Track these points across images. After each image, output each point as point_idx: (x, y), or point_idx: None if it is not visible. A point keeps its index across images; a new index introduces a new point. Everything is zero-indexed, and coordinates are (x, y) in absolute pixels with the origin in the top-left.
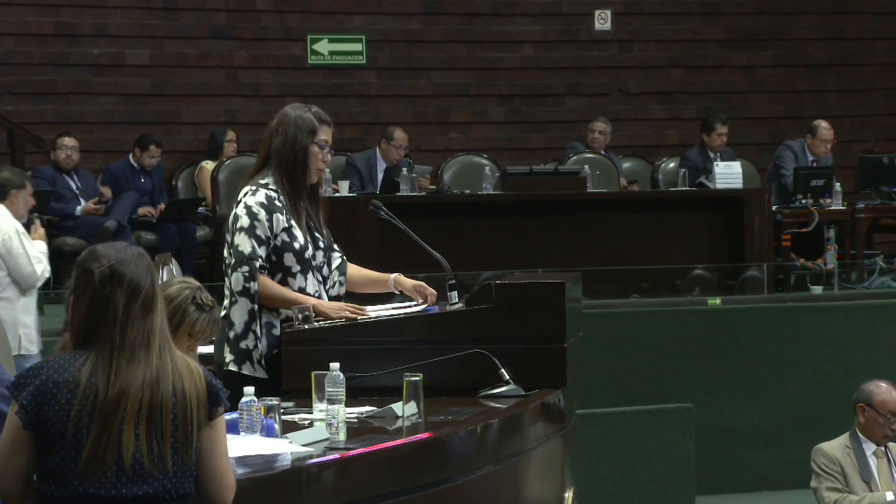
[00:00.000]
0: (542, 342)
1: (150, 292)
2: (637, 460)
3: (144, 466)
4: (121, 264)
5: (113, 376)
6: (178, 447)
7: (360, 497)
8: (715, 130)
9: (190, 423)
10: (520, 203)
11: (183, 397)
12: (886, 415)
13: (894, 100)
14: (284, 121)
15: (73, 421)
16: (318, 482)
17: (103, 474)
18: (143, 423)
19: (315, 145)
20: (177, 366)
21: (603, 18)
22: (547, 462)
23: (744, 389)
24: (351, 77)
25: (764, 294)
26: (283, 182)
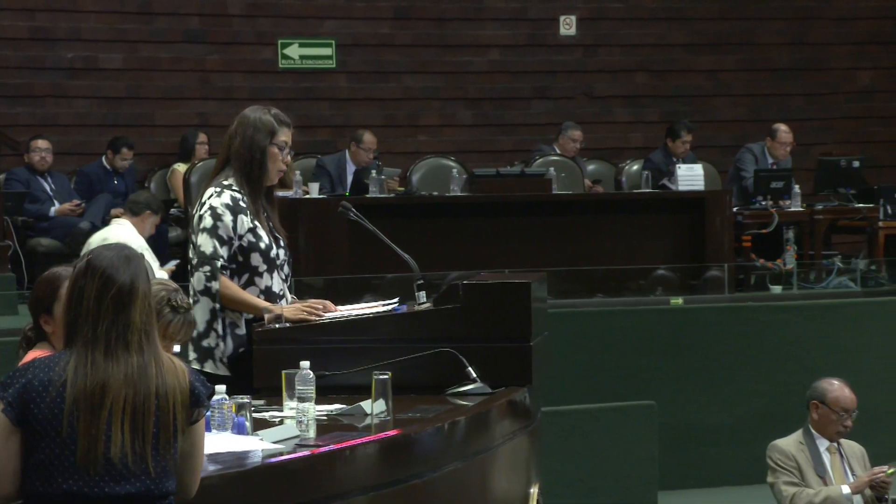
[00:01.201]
0: (508, 341)
1: (125, 287)
2: (601, 457)
3: (128, 465)
4: (98, 258)
5: (91, 369)
6: (160, 447)
7: (330, 493)
8: (680, 138)
9: (172, 424)
10: (487, 204)
11: (165, 398)
12: (839, 411)
13: (853, 104)
14: (244, 122)
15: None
16: (288, 479)
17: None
18: (128, 421)
19: (274, 146)
20: (161, 366)
21: (568, 24)
22: (513, 458)
23: (705, 387)
24: (321, 81)
25: (725, 294)
26: (243, 182)
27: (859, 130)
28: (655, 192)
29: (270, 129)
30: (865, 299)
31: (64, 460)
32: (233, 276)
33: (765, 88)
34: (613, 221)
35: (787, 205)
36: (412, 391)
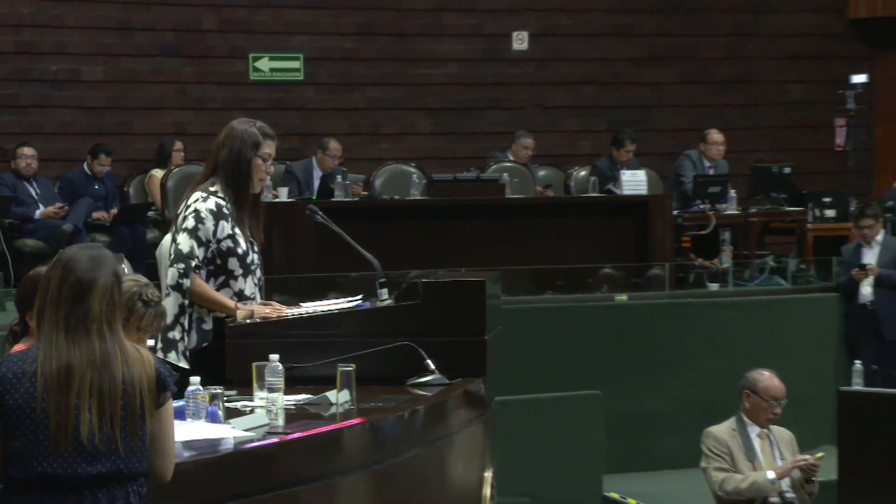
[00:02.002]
0: (464, 335)
1: (86, 277)
2: (551, 443)
3: (97, 446)
4: (66, 253)
5: (55, 352)
6: (128, 429)
7: (298, 478)
8: (624, 147)
9: (140, 407)
10: (445, 208)
11: (132, 384)
12: (769, 400)
13: (785, 115)
14: (231, 134)
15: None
16: (259, 464)
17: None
18: (95, 404)
19: (258, 158)
20: (126, 353)
21: (521, 39)
22: (469, 445)
23: (647, 378)
24: (290, 92)
25: (666, 291)
26: (228, 191)
27: (790, 139)
28: (601, 196)
29: (255, 141)
30: (795, 296)
31: (38, 444)
32: (210, 277)
33: (703, 100)
34: (562, 224)
35: (723, 208)
36: (374, 382)
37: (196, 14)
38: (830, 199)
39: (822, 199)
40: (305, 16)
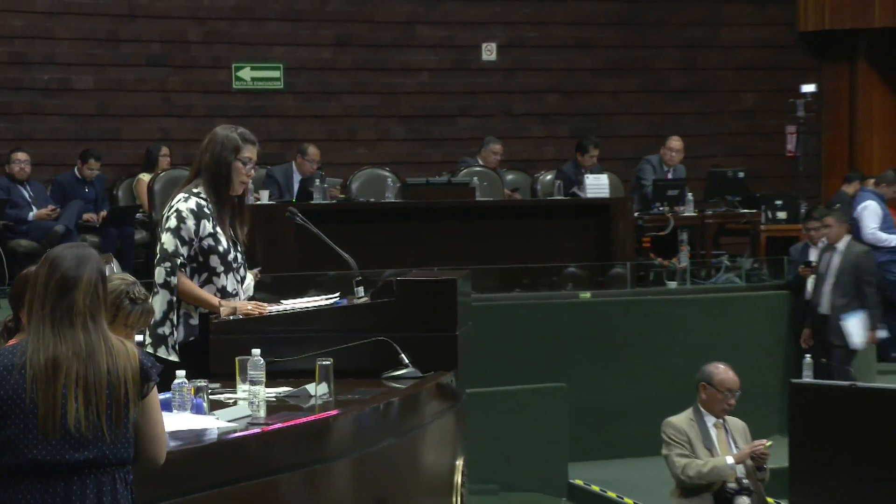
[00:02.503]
0: (436, 331)
1: (70, 274)
2: (519, 432)
3: (83, 433)
4: (53, 252)
5: (42, 345)
6: (114, 418)
7: (279, 466)
8: (588, 153)
9: (125, 397)
10: (418, 210)
11: (117, 375)
12: (724, 392)
13: (738, 122)
14: (213, 140)
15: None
16: (241, 453)
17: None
18: (81, 394)
19: (238, 161)
20: (110, 346)
21: (489, 50)
22: (441, 435)
23: (610, 371)
24: (271, 100)
25: (627, 288)
26: (210, 192)
27: (743, 145)
28: (566, 199)
29: (235, 146)
30: (749, 293)
31: (28, 433)
32: (193, 274)
33: (661, 108)
34: (529, 225)
35: (681, 210)
36: (351, 375)
37: (181, 26)
38: (782, 202)
39: (774, 202)
40: (285, 28)
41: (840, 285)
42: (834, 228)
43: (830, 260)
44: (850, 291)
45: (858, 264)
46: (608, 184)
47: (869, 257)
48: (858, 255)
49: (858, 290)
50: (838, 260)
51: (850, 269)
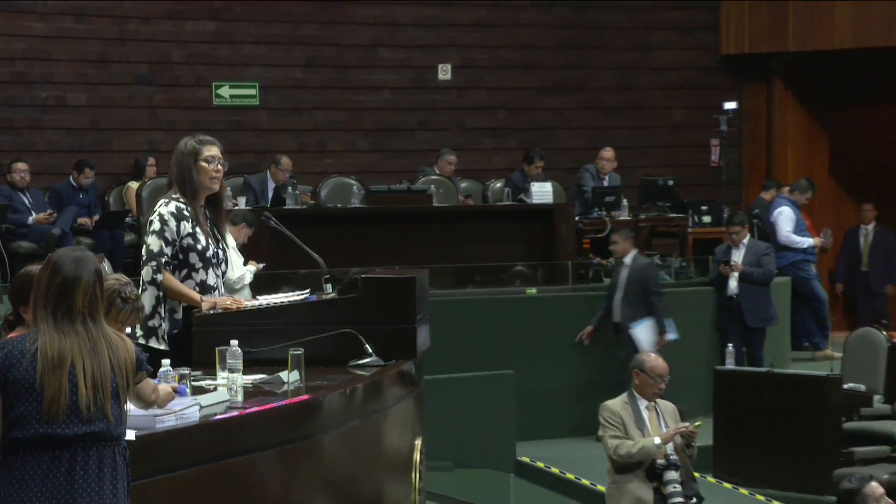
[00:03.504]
0: (397, 323)
1: (71, 277)
2: (471, 415)
3: (92, 413)
4: (55, 256)
5: (48, 340)
6: (117, 402)
7: (255, 445)
8: (534, 163)
9: (125, 385)
10: (380, 214)
11: (118, 366)
12: (655, 378)
13: (668, 136)
14: (177, 152)
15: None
16: (221, 434)
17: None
18: (90, 381)
19: (201, 162)
20: (109, 340)
21: (445, 70)
22: (402, 417)
23: (553, 359)
24: (247, 115)
25: (569, 285)
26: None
27: (672, 157)
28: (514, 205)
29: (194, 151)
30: (677, 289)
31: (38, 411)
32: (175, 270)
33: (598, 123)
34: (481, 228)
35: (617, 215)
36: (320, 364)
37: (166, 48)
38: (706, 207)
39: (700, 208)
40: (260, 50)
41: (628, 296)
42: (620, 245)
43: (620, 273)
44: (637, 302)
45: (644, 277)
46: (552, 191)
47: (652, 269)
48: (643, 268)
49: (646, 300)
50: (626, 273)
51: (637, 281)
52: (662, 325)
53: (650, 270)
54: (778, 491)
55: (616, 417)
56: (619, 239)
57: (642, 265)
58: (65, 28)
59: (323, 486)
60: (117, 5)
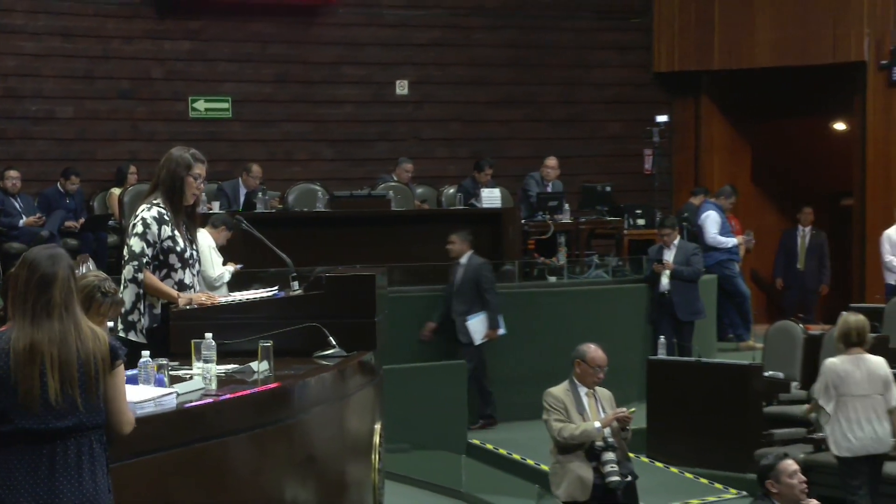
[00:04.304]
0: (358, 317)
1: (47, 274)
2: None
3: (61, 405)
4: (30, 254)
5: (22, 334)
6: (86, 391)
7: (228, 430)
8: (483, 171)
9: (94, 373)
10: (343, 218)
11: (86, 355)
12: (594, 367)
13: (606, 146)
14: (170, 159)
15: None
16: (196, 420)
17: (33, 412)
18: (57, 373)
19: (190, 177)
20: (80, 331)
21: (402, 86)
22: (363, 403)
23: (502, 350)
24: (221, 127)
25: (516, 282)
26: (167, 203)
27: (610, 165)
28: (466, 209)
29: (187, 164)
30: (614, 286)
31: (16, 407)
32: (155, 269)
33: (543, 134)
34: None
35: (559, 218)
36: (288, 355)
37: (146, 66)
38: (641, 211)
39: (635, 212)
40: (232, 67)
41: (462, 293)
42: (457, 245)
43: (457, 272)
44: (471, 298)
45: (478, 275)
46: (500, 196)
47: (486, 268)
48: (478, 268)
49: (480, 297)
50: (462, 272)
51: (472, 280)
52: (495, 320)
53: (484, 270)
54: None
55: (559, 403)
56: (457, 240)
57: (477, 265)
58: (53, 47)
59: (291, 466)
60: (101, 26)
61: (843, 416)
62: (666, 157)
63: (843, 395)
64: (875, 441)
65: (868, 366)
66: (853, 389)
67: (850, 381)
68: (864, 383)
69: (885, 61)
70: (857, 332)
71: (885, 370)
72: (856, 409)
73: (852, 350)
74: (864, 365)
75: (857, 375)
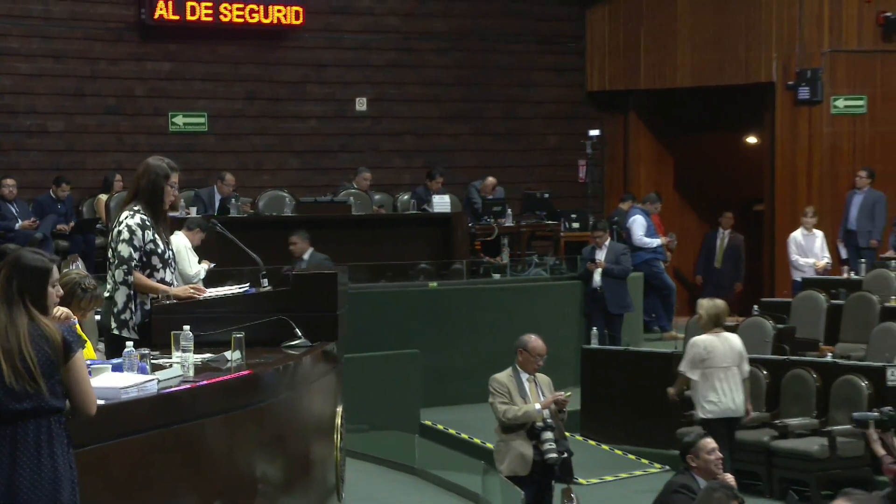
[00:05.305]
0: (322, 311)
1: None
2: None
3: (17, 390)
4: (13, 254)
5: None
6: (45, 377)
7: (204, 413)
8: (435, 179)
9: (51, 360)
10: (308, 221)
11: (39, 345)
12: (535, 355)
13: (545, 157)
14: (149, 169)
15: None
16: (175, 404)
17: None
18: (17, 359)
19: (168, 185)
20: (36, 324)
21: (361, 103)
22: (326, 389)
23: (451, 341)
24: (197, 140)
25: (464, 280)
26: (148, 210)
27: (549, 175)
28: (419, 213)
29: (166, 173)
30: (552, 283)
31: None
32: (141, 270)
33: (489, 147)
34: (391, 233)
35: (503, 222)
36: (258, 345)
37: (130, 84)
38: (575, 216)
39: (570, 216)
40: (207, 86)
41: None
42: (299, 245)
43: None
44: None
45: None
46: (450, 202)
47: (328, 264)
48: (319, 264)
49: None
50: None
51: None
52: None
53: (325, 266)
54: (633, 446)
55: (503, 387)
56: (298, 240)
57: (318, 261)
58: (45, 67)
59: (261, 446)
60: (89, 49)
61: (709, 384)
62: (598, 167)
63: (709, 367)
64: (733, 406)
65: (729, 342)
66: (718, 362)
67: (716, 354)
68: (726, 356)
69: (792, 82)
70: (719, 314)
71: (741, 346)
72: (719, 379)
73: (714, 329)
74: (726, 341)
75: (720, 350)
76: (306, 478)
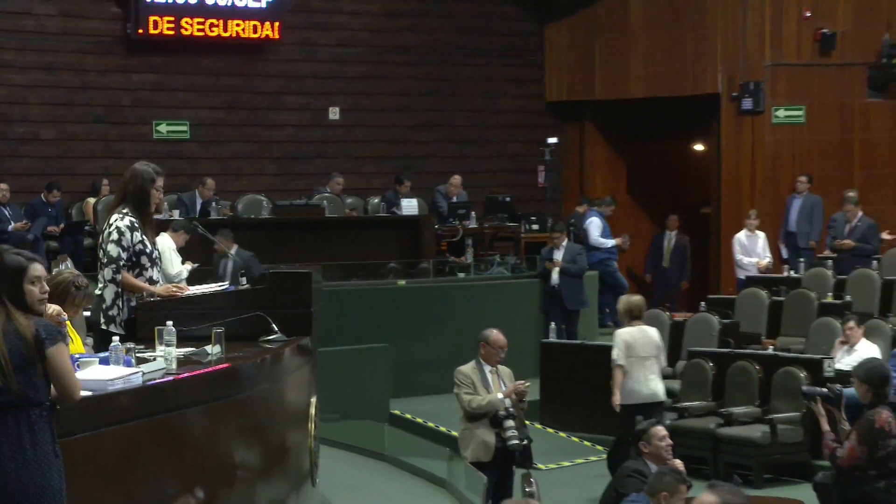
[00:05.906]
0: (297, 308)
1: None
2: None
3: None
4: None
5: None
6: (20, 372)
7: (186, 403)
8: (404, 184)
9: (24, 356)
10: (284, 223)
11: (13, 342)
12: (497, 349)
13: (507, 163)
14: (136, 174)
15: None
16: (159, 395)
17: None
18: None
19: (154, 189)
20: (11, 321)
21: (335, 112)
22: (301, 381)
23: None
24: (180, 147)
25: (430, 278)
26: (136, 212)
27: (511, 180)
28: (389, 216)
29: (152, 178)
30: (513, 281)
31: None
32: (130, 269)
33: (455, 153)
34: (363, 234)
35: (467, 224)
36: (237, 340)
37: (117, 95)
38: (535, 218)
39: (531, 218)
40: (189, 96)
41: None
42: (224, 243)
43: (227, 264)
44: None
45: (248, 265)
46: (417, 206)
47: (254, 260)
48: (247, 260)
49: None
50: (231, 264)
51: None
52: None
53: (252, 261)
54: (588, 434)
55: (468, 379)
56: (223, 239)
57: (246, 257)
58: (38, 79)
59: (240, 434)
60: (79, 61)
61: (632, 373)
62: (556, 172)
63: (631, 357)
64: (648, 392)
65: (648, 334)
66: (639, 352)
67: (637, 345)
68: (647, 347)
69: (736, 93)
70: (639, 308)
71: (658, 338)
72: (641, 368)
73: (635, 322)
74: (646, 333)
75: (641, 341)
76: (282, 464)
